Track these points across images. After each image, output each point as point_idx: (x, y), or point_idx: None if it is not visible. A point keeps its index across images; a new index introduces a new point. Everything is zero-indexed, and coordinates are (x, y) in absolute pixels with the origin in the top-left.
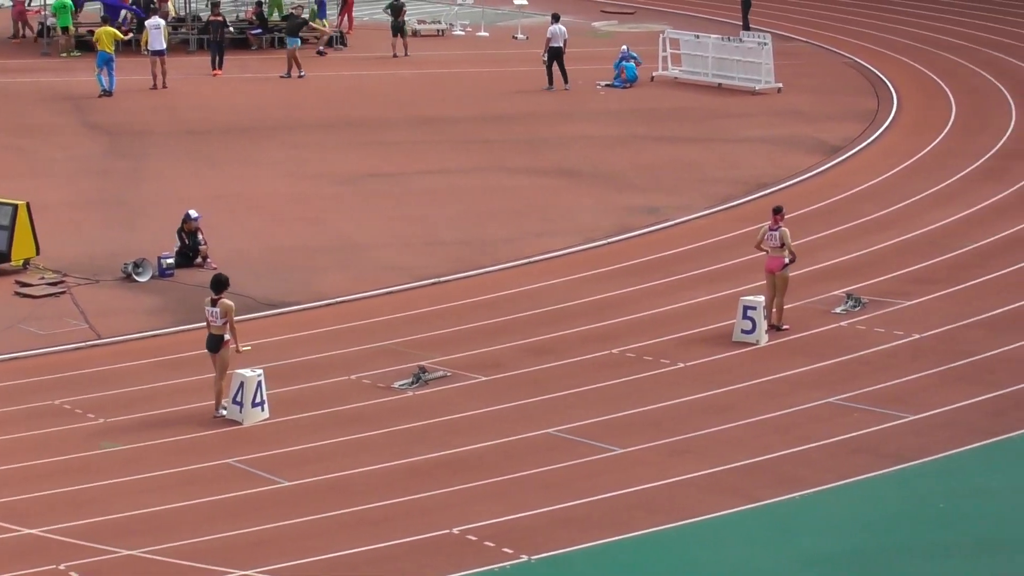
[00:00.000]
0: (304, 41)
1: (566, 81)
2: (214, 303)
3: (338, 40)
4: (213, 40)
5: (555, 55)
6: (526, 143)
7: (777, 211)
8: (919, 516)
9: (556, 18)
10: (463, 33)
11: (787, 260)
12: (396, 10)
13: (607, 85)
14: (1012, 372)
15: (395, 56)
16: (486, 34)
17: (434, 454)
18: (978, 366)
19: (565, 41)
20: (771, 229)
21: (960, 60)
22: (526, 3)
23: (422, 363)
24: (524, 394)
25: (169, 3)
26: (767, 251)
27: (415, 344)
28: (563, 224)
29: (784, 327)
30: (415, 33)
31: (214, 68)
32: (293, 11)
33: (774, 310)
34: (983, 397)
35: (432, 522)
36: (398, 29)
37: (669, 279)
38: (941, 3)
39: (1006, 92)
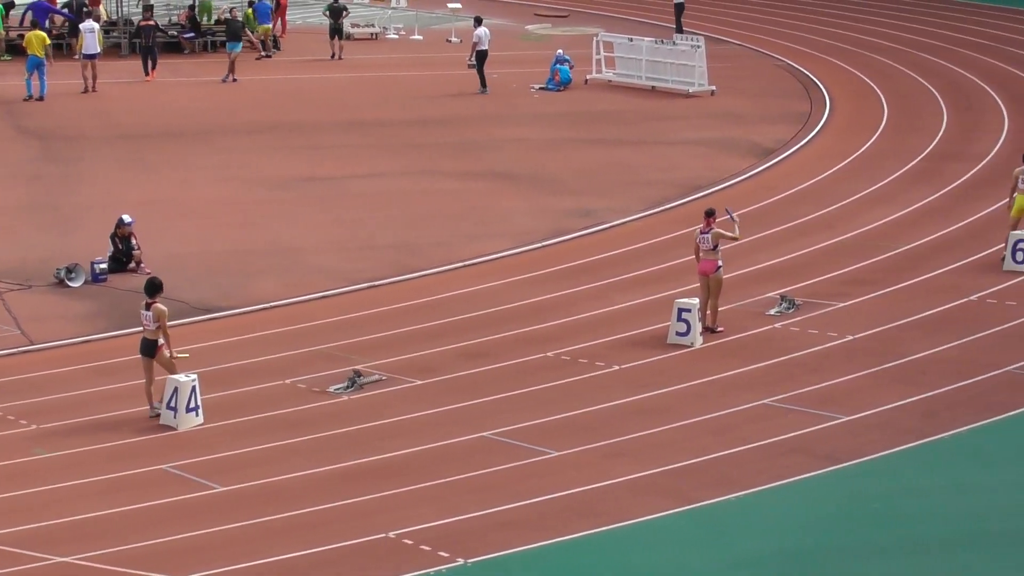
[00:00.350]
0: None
1: (484, 86)
2: (148, 307)
3: (272, 44)
4: (145, 44)
5: (483, 58)
6: (460, 147)
7: (709, 214)
8: (854, 516)
9: (479, 21)
10: (397, 36)
11: (733, 233)
12: (336, 12)
13: (541, 88)
14: (944, 373)
15: (333, 58)
16: (420, 37)
17: (369, 458)
18: (911, 367)
19: (489, 43)
20: (702, 232)
21: (890, 62)
22: (460, 6)
23: (357, 367)
24: (459, 398)
25: (101, 6)
26: (699, 255)
27: (350, 348)
28: (497, 227)
29: (719, 329)
30: (349, 37)
31: (147, 72)
32: (229, 16)
33: (708, 312)
34: (916, 398)
35: (368, 526)
36: (337, 31)
37: (604, 282)
38: (870, 5)
39: (936, 94)
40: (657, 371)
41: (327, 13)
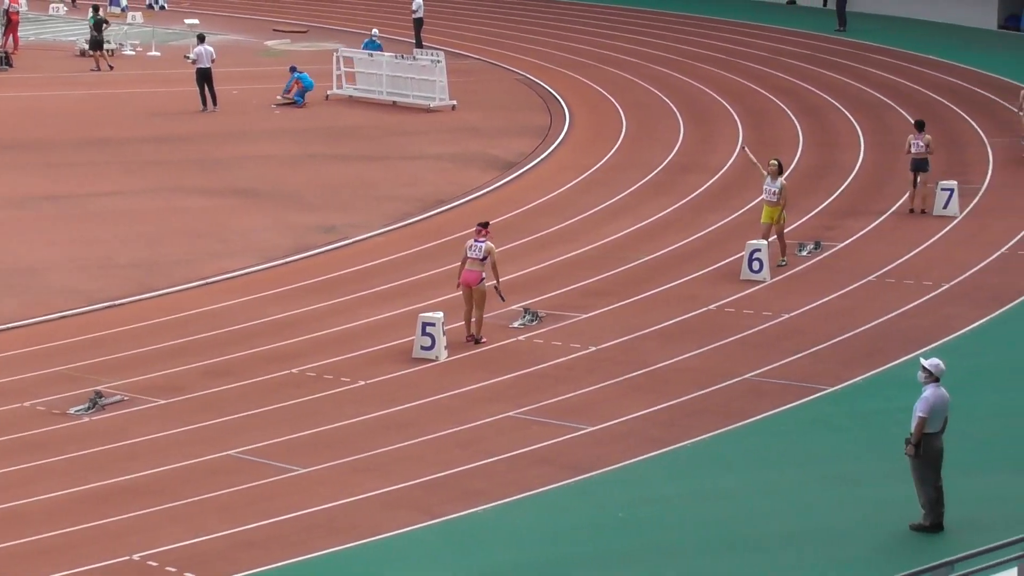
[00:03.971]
0: None
1: (215, 103)
2: None
3: (3, 61)
4: None
5: (203, 76)
6: (201, 164)
7: (484, 224)
8: (599, 525)
9: (202, 38)
10: (134, 53)
11: (493, 284)
12: (98, 25)
13: (284, 104)
14: (684, 382)
15: (99, 70)
16: (157, 54)
17: (113, 480)
18: (653, 376)
19: (213, 60)
20: (476, 241)
21: (629, 76)
22: (197, 22)
23: (98, 388)
24: (204, 416)
25: None
26: (464, 265)
27: (91, 369)
28: (240, 244)
29: (482, 339)
30: (83, 53)
31: None
32: None
33: (472, 321)
34: (659, 407)
35: (112, 549)
36: (98, 44)
37: (348, 297)
38: (609, 20)
39: (673, 107)
40: (403, 385)
41: (92, 25)
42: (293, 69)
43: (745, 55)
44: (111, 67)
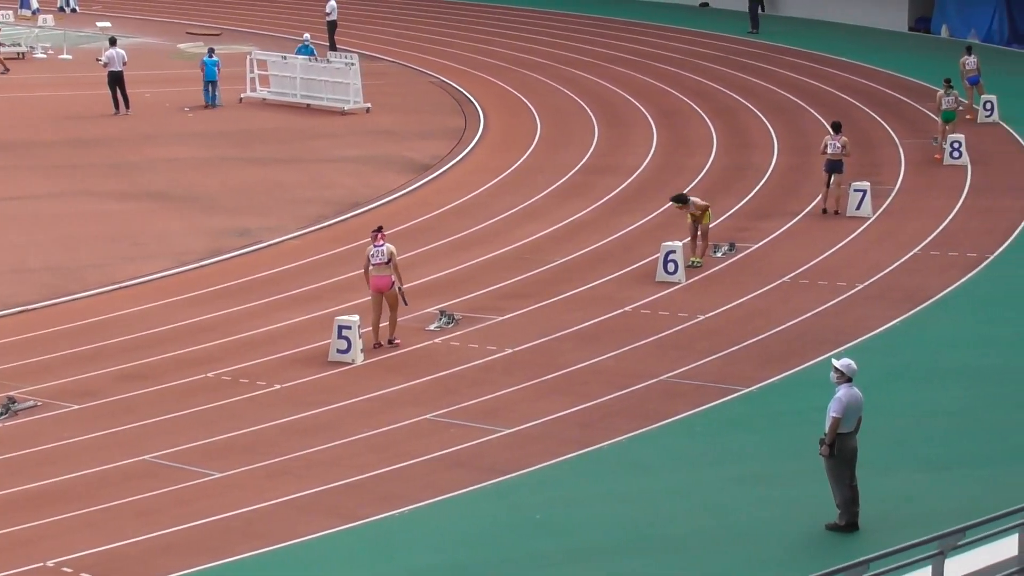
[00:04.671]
0: None
1: (127, 106)
2: None
3: None
4: None
5: (115, 79)
6: (113, 167)
7: (378, 229)
8: (517, 527)
9: (113, 42)
10: (45, 56)
11: (397, 286)
12: None
13: (197, 106)
14: (600, 383)
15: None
16: (69, 57)
17: (26, 486)
18: (569, 378)
19: (125, 63)
20: (376, 245)
21: (542, 78)
22: (109, 25)
23: (11, 393)
24: (118, 421)
25: None
26: (368, 271)
27: (3, 374)
28: (154, 248)
29: (396, 340)
30: None
31: None
32: None
33: (384, 325)
34: (574, 408)
35: (26, 555)
36: None
37: (263, 300)
38: (521, 22)
39: (588, 109)
40: (319, 389)
41: None
42: (211, 51)
43: (659, 57)
44: (7, 69)
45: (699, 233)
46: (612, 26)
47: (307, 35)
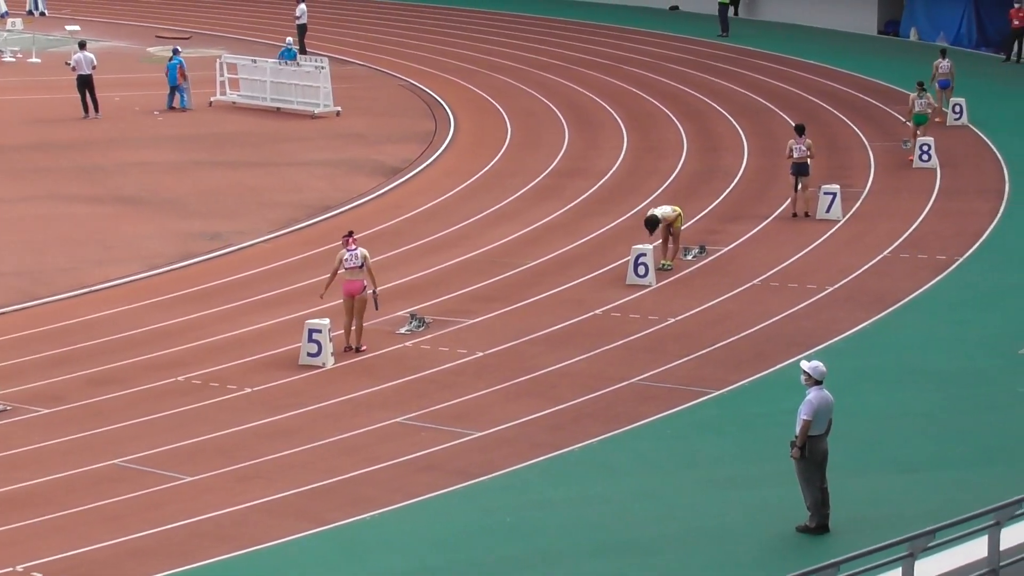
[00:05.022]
0: None
1: (96, 110)
2: None
3: None
4: None
5: (84, 83)
6: (82, 171)
7: (349, 234)
8: (487, 531)
9: (83, 45)
10: (14, 60)
11: (371, 291)
12: None
13: (168, 108)
14: (571, 386)
15: None
16: (38, 60)
17: None
18: (540, 381)
19: (94, 67)
20: (349, 249)
21: (512, 81)
22: (78, 28)
23: None
24: (87, 426)
25: None
26: (336, 275)
27: None
28: (124, 252)
29: (363, 348)
30: None
31: None
32: None
33: (352, 330)
34: (545, 412)
35: None
36: None
37: (233, 304)
38: (491, 26)
39: (558, 112)
40: (289, 393)
41: None
42: (176, 52)
43: (629, 60)
44: None
45: (670, 236)
46: (582, 29)
47: (290, 39)
